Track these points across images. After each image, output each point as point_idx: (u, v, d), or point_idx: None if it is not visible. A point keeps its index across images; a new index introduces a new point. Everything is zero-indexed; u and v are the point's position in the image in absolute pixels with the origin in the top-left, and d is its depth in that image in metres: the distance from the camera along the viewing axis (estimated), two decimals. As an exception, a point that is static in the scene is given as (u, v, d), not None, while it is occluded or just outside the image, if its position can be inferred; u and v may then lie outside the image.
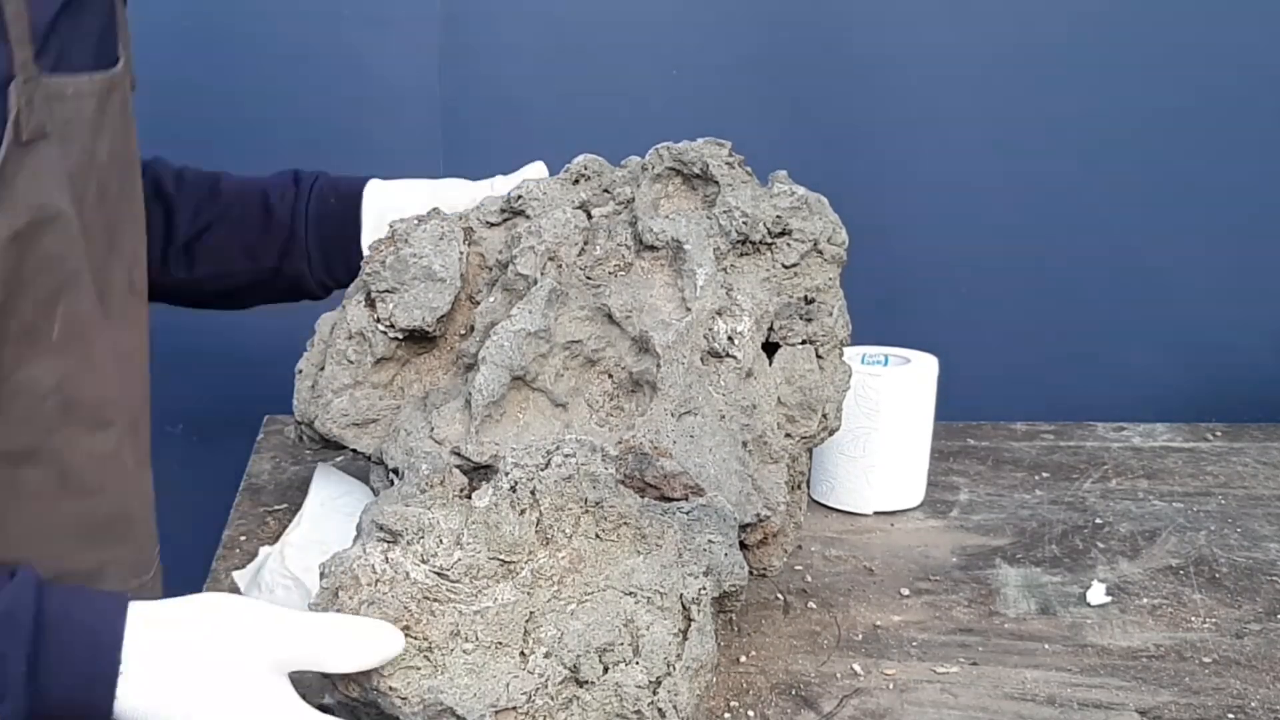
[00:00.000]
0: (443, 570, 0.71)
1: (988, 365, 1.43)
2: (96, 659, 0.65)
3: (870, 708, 0.85)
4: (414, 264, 0.90)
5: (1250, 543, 1.09)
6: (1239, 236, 1.44)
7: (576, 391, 0.87)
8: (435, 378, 0.92)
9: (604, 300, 0.87)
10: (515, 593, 0.71)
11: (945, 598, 1.00)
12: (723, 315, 0.88)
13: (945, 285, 1.47)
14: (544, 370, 0.85)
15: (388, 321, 0.89)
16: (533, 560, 0.73)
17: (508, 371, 0.84)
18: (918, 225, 1.43)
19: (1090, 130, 1.41)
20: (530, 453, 0.77)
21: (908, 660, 0.91)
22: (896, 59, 1.40)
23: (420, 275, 0.89)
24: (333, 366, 0.91)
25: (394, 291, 0.90)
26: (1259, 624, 0.96)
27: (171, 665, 0.66)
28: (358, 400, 0.90)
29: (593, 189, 0.94)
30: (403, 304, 0.89)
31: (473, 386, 0.84)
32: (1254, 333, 1.47)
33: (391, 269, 0.90)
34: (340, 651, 0.68)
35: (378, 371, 0.91)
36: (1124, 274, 1.46)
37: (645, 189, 0.92)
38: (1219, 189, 1.43)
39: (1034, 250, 1.46)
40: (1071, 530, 1.11)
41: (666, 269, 0.89)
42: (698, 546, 0.77)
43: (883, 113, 1.42)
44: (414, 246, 0.90)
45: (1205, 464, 1.25)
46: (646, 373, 0.85)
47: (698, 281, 0.87)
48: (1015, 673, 0.89)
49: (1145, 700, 0.86)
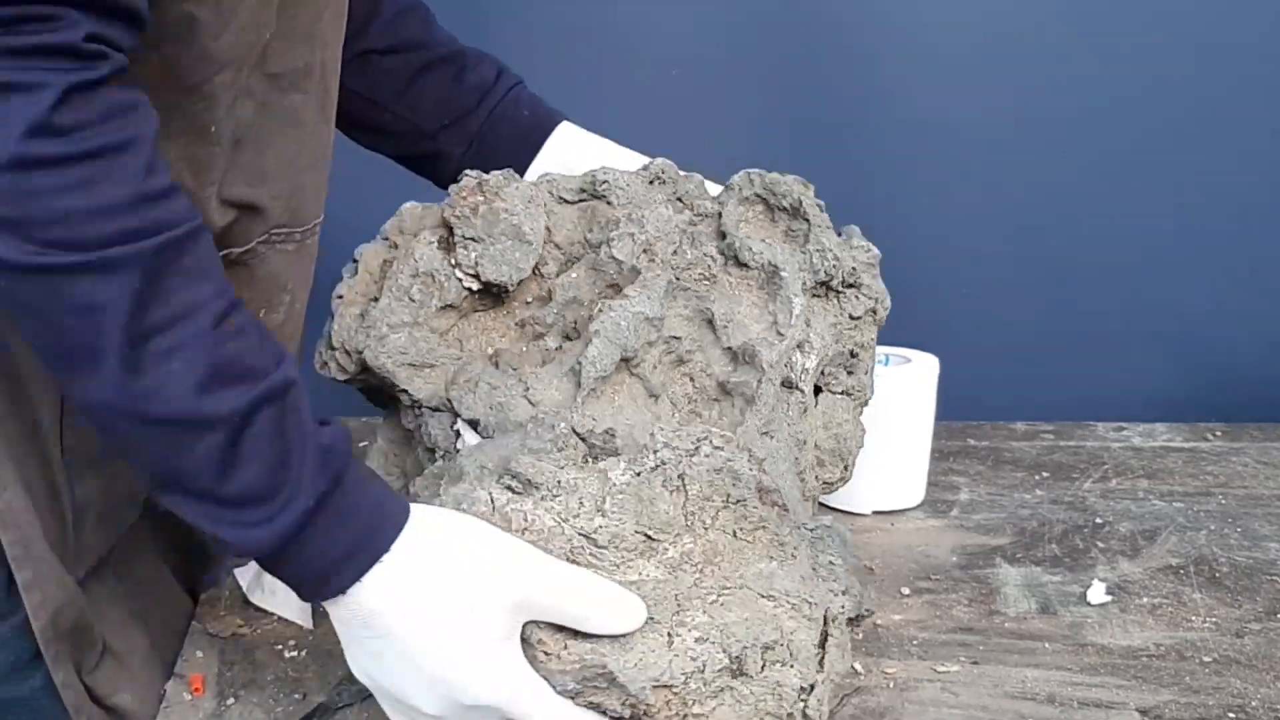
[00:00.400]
0: (587, 533, 0.71)
1: (988, 365, 1.43)
2: (371, 532, 0.66)
3: (871, 706, 0.85)
4: (505, 220, 0.87)
5: (1250, 542, 1.09)
6: (1239, 236, 1.44)
7: (663, 387, 0.87)
8: (492, 338, 0.90)
9: (708, 305, 0.88)
10: (661, 571, 0.71)
11: (945, 597, 1.00)
12: (801, 348, 0.89)
13: (945, 285, 1.47)
14: (646, 358, 0.85)
15: (471, 270, 0.87)
16: (679, 543, 0.72)
17: (619, 350, 0.83)
18: (918, 225, 1.43)
19: (1091, 130, 1.41)
20: (679, 436, 0.76)
21: (908, 659, 0.91)
22: (897, 58, 1.40)
23: (509, 233, 0.87)
24: (391, 300, 0.87)
25: (479, 242, 0.87)
26: (1259, 623, 0.96)
27: (425, 571, 0.66)
28: (417, 341, 0.87)
29: (668, 193, 0.94)
30: (489, 256, 0.87)
31: (584, 358, 0.83)
32: (1254, 333, 1.47)
33: (483, 219, 0.87)
34: (593, 610, 0.67)
35: (440, 317, 0.88)
36: (1124, 274, 1.46)
37: (731, 209, 0.92)
38: (1220, 189, 1.43)
39: (1034, 250, 1.46)
40: (1072, 530, 1.11)
41: (756, 290, 0.90)
42: (824, 564, 0.78)
43: (883, 112, 1.42)
44: (506, 202, 0.88)
45: (1205, 464, 1.24)
46: (743, 385, 0.86)
47: (793, 310, 0.88)
48: (1016, 672, 0.89)
49: (1145, 699, 0.86)
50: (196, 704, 0.87)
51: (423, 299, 0.87)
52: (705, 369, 0.87)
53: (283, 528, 0.64)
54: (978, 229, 1.44)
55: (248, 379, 0.63)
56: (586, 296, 0.88)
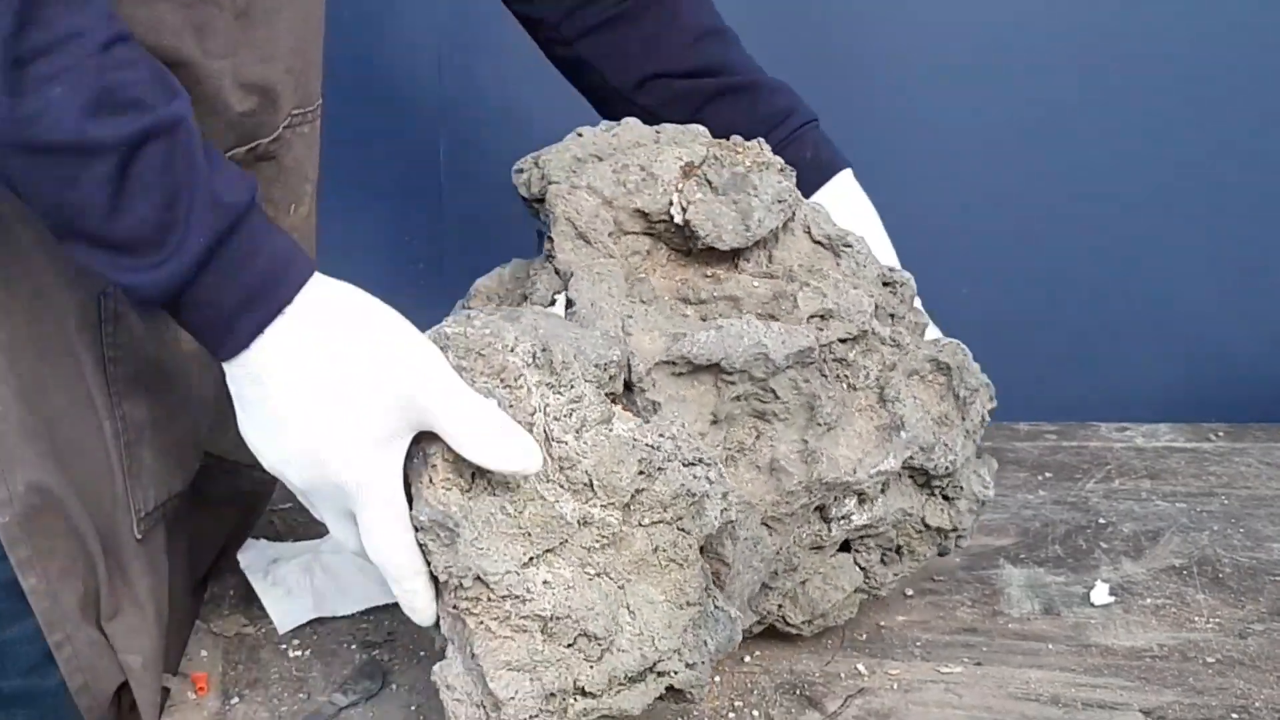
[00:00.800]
0: (551, 432, 0.71)
1: (990, 366, 1.43)
2: (271, 284, 0.66)
3: (874, 707, 0.85)
4: (747, 194, 0.84)
5: (1253, 543, 1.09)
6: (1242, 236, 1.44)
7: (727, 420, 0.84)
8: (651, 287, 0.86)
9: (827, 411, 0.85)
10: (570, 514, 0.71)
11: (949, 598, 1.00)
12: (863, 501, 0.89)
13: (946, 285, 1.46)
14: (738, 390, 0.82)
15: (685, 207, 0.84)
16: (605, 511, 0.72)
17: (718, 358, 0.81)
18: (918, 225, 1.42)
19: (1092, 130, 1.41)
20: (692, 444, 0.75)
21: (912, 660, 0.91)
22: (897, 58, 1.40)
23: (742, 205, 0.84)
24: (607, 169, 0.85)
25: (714, 189, 0.84)
26: (1262, 624, 0.96)
27: (321, 338, 0.66)
28: (603, 215, 0.85)
29: (892, 304, 0.92)
30: (713, 206, 0.84)
31: (694, 340, 0.80)
32: (1256, 333, 1.47)
33: (732, 174, 0.85)
34: (478, 436, 0.67)
35: (634, 218, 0.86)
36: (1126, 274, 1.46)
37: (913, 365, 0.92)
38: (1222, 189, 1.43)
39: (1035, 250, 1.46)
40: (1075, 530, 1.11)
41: (875, 425, 0.88)
42: (696, 637, 0.76)
43: (882, 112, 1.42)
44: (760, 183, 0.85)
45: (1208, 464, 1.24)
46: (790, 484, 0.84)
47: (886, 465, 0.87)
48: (1019, 673, 0.89)
49: (1149, 700, 0.86)
50: (200, 703, 0.87)
51: (635, 189, 0.85)
52: (771, 444, 0.84)
53: (175, 272, 0.64)
54: (979, 229, 1.44)
55: (135, 109, 0.63)
56: (753, 308, 0.85)
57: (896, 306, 0.91)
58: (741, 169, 0.84)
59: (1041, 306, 1.48)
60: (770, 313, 0.85)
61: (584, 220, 0.84)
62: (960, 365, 0.91)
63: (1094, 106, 1.40)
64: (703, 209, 0.83)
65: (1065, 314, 1.48)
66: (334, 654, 0.91)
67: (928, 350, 0.91)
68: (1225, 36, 1.38)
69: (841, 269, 0.87)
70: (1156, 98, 1.40)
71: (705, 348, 0.80)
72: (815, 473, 0.83)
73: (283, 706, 0.86)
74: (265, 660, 0.91)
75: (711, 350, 0.80)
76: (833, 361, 0.86)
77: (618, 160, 0.86)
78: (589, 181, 0.85)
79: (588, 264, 0.84)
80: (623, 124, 0.89)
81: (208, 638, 0.94)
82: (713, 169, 0.84)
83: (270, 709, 0.86)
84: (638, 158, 0.86)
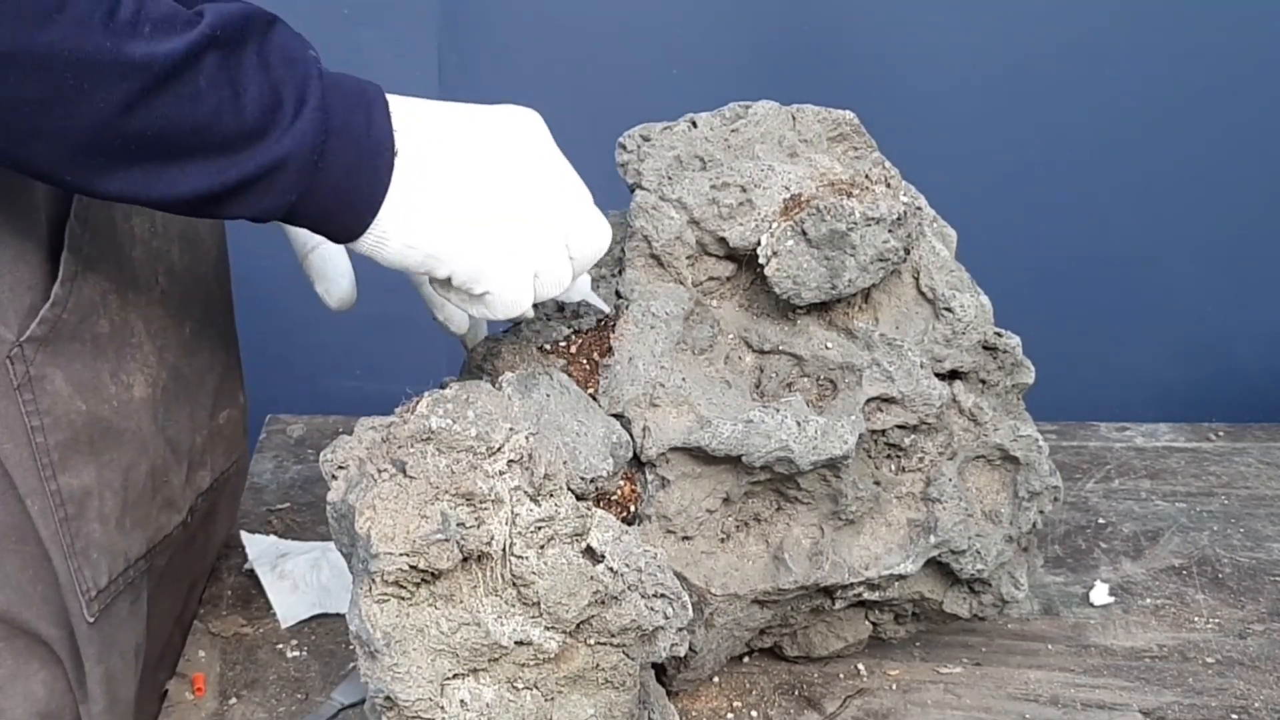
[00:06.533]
0: (522, 518, 0.68)
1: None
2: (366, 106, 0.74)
3: (873, 708, 0.85)
4: (837, 238, 0.78)
5: (1253, 543, 1.08)
6: (1241, 236, 1.44)
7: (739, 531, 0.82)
8: (715, 320, 0.82)
9: (851, 514, 0.83)
10: (517, 621, 0.68)
11: (948, 598, 1.00)
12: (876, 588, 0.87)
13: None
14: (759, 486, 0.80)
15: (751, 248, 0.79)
16: (555, 626, 0.69)
17: (736, 452, 0.77)
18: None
19: (1091, 130, 1.41)
20: (666, 578, 0.71)
21: (911, 661, 0.91)
22: (898, 58, 1.40)
23: (834, 244, 0.78)
24: (697, 194, 0.81)
25: (805, 240, 0.78)
26: (1262, 624, 0.96)
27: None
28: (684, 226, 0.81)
29: None
30: (785, 260, 0.77)
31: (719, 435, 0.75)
32: (1256, 333, 1.47)
33: (829, 225, 0.77)
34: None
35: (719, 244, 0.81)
36: (1126, 274, 1.46)
37: None
38: (1221, 189, 1.43)
39: (1036, 250, 1.45)
40: (1074, 530, 1.11)
41: (899, 526, 0.84)
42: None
43: (882, 112, 1.41)
44: (854, 224, 0.79)
45: (1208, 464, 1.24)
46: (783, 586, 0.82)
47: None
48: (1018, 673, 0.89)
49: (1148, 700, 0.86)
50: (199, 704, 0.86)
51: (727, 214, 0.80)
52: (788, 522, 0.81)
53: (308, 127, 0.67)
54: (979, 228, 1.44)
55: (194, 21, 0.64)
56: (814, 372, 0.81)
57: (992, 373, 0.85)
58: (843, 226, 0.76)
59: (1041, 306, 1.47)
60: (831, 380, 0.79)
61: (661, 243, 0.80)
62: (1030, 463, 0.84)
63: (1094, 107, 1.40)
64: (789, 262, 0.77)
65: (1065, 314, 1.48)
66: (332, 654, 0.91)
67: (1004, 436, 0.84)
68: (1226, 37, 1.38)
69: (935, 334, 0.82)
70: (1156, 99, 1.40)
71: (726, 443, 0.75)
72: (816, 577, 0.79)
73: (280, 707, 0.86)
74: (263, 661, 0.91)
75: (732, 446, 0.75)
76: (884, 444, 0.81)
77: (721, 171, 0.80)
78: (680, 195, 0.80)
79: (651, 290, 0.79)
80: (754, 109, 0.82)
81: (205, 638, 0.94)
82: (812, 220, 0.76)
83: (268, 709, 0.85)
84: (745, 173, 0.80)
